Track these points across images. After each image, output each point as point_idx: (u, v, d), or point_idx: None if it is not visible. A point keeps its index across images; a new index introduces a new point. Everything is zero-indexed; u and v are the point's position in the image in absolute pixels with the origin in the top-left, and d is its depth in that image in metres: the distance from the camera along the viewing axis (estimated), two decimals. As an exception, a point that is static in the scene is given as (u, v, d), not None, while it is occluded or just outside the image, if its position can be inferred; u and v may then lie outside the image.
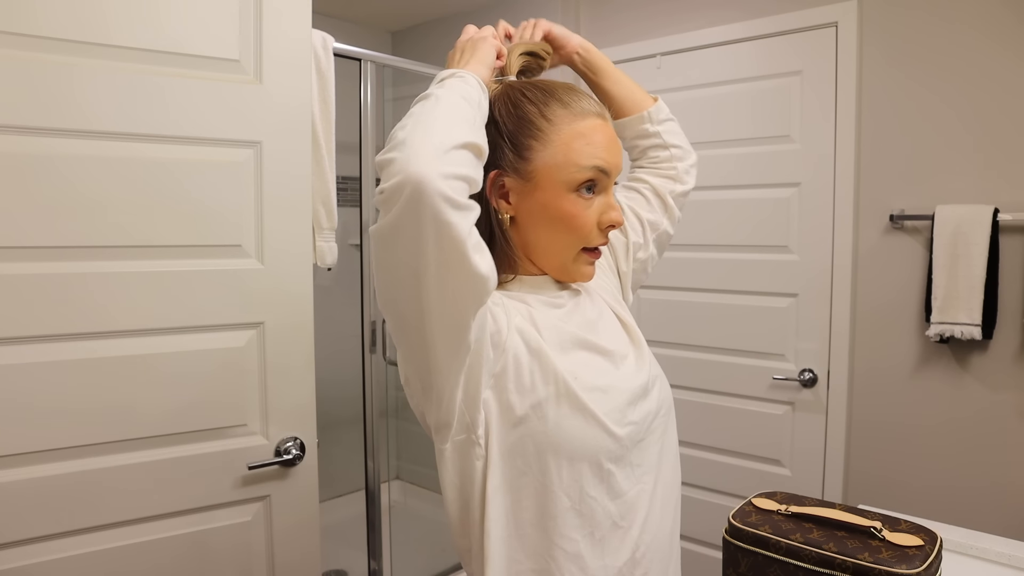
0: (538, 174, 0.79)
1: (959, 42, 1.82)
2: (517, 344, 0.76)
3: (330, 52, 1.66)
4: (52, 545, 1.18)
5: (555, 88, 0.82)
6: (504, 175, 0.80)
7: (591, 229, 0.81)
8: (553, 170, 0.78)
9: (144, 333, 1.24)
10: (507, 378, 0.75)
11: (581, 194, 0.79)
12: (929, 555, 0.84)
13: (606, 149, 0.80)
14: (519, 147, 0.79)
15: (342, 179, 1.80)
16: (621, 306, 0.94)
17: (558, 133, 0.78)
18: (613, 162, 0.80)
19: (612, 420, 0.76)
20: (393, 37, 3.22)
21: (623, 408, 0.78)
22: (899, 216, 1.92)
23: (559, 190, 0.78)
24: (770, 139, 2.14)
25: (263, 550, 1.39)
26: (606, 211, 0.81)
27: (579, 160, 0.78)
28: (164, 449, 1.27)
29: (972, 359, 1.84)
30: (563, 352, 0.78)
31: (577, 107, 0.80)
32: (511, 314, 0.77)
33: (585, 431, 0.75)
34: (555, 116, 0.79)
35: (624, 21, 2.47)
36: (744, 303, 2.23)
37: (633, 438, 0.79)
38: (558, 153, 0.78)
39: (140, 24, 1.20)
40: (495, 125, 0.81)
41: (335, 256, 1.65)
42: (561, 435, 0.74)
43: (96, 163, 1.18)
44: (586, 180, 0.78)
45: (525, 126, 0.79)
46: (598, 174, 0.79)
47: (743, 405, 2.24)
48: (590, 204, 0.80)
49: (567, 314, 0.83)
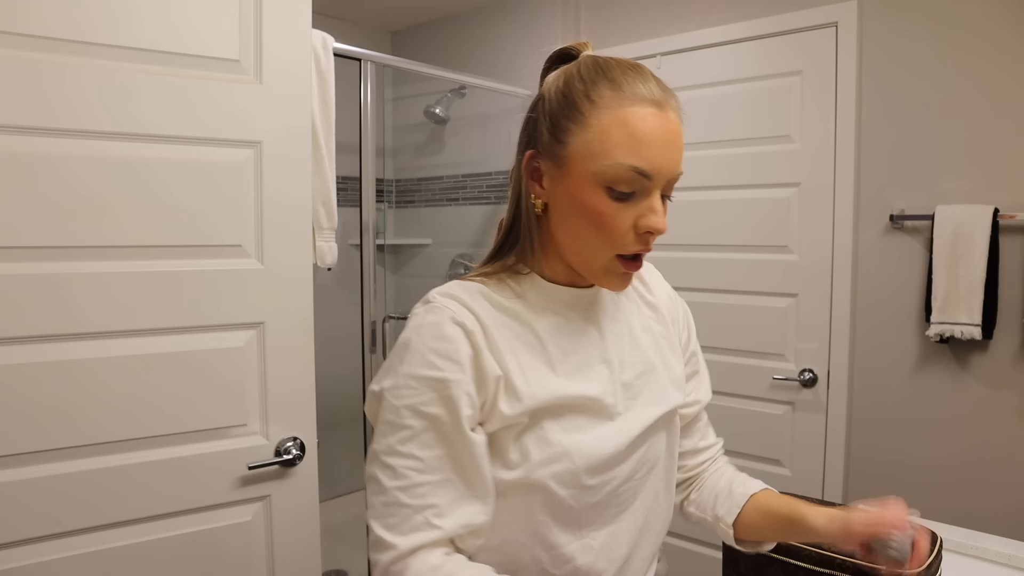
0: (571, 161, 0.70)
1: (959, 42, 1.82)
2: (494, 376, 0.72)
3: (330, 52, 1.66)
4: (52, 545, 1.18)
5: (613, 66, 0.71)
6: (539, 157, 0.74)
7: (624, 233, 0.70)
8: (586, 159, 0.69)
9: (144, 333, 1.24)
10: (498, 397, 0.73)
11: (613, 195, 0.69)
12: (929, 555, 0.84)
13: (654, 147, 0.68)
14: (557, 129, 0.71)
15: (342, 179, 1.80)
16: (661, 350, 0.85)
17: (598, 117, 0.68)
18: (661, 163, 0.68)
19: (558, 482, 0.72)
20: (393, 37, 3.22)
21: (576, 473, 0.73)
22: (899, 216, 1.92)
23: (589, 182, 0.69)
24: (770, 139, 2.14)
25: (263, 550, 1.39)
26: (645, 214, 0.70)
27: (615, 154, 0.67)
28: (164, 449, 1.27)
29: (972, 359, 1.84)
30: (543, 391, 0.73)
31: (629, 90, 0.68)
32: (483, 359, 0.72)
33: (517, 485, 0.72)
34: (600, 98, 0.69)
35: (624, 21, 2.47)
36: (744, 303, 2.23)
37: (580, 500, 0.74)
38: (594, 140, 0.68)
39: (140, 24, 1.20)
40: (542, 101, 0.74)
41: (335, 256, 1.65)
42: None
43: (96, 163, 1.18)
44: (618, 179, 0.68)
45: (567, 106, 0.71)
46: (635, 175, 0.68)
47: (743, 405, 2.24)
48: (624, 206, 0.70)
49: (568, 342, 0.77)
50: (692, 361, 0.92)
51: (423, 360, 0.70)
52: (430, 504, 0.69)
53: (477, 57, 2.83)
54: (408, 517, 0.69)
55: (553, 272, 0.78)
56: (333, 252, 1.65)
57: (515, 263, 0.79)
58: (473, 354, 0.71)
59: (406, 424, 0.70)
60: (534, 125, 0.75)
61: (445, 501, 0.69)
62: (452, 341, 0.70)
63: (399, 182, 3.21)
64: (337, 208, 1.67)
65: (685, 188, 2.33)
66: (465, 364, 0.70)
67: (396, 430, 0.70)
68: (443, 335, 0.71)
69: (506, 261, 0.79)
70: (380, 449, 0.71)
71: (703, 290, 2.30)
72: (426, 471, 0.69)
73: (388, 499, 0.70)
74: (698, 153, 2.29)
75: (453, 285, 0.77)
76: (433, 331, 0.71)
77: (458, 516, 0.70)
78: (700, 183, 2.29)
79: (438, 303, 0.73)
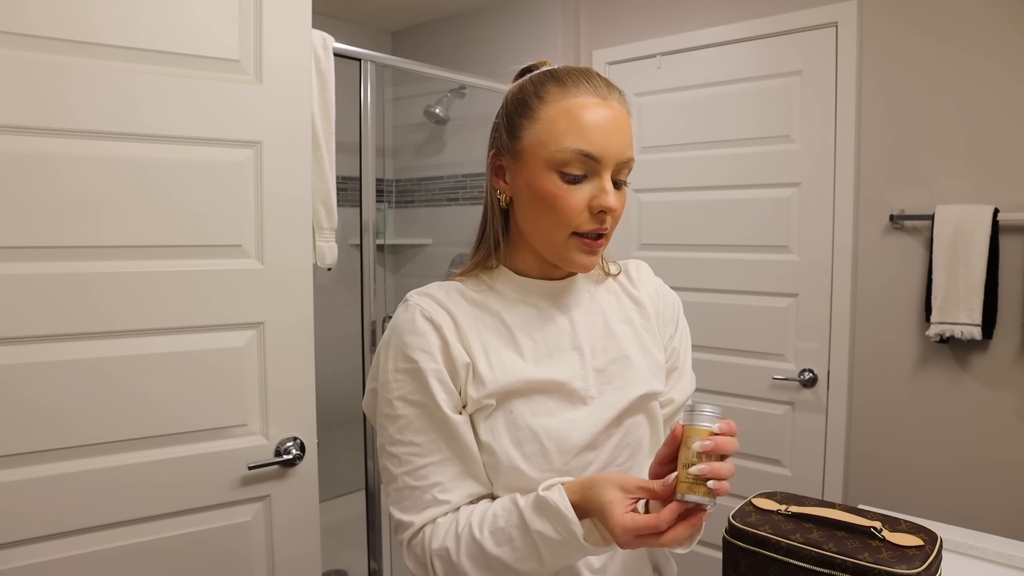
0: (525, 152, 0.78)
1: (959, 42, 1.82)
2: (463, 363, 0.78)
3: (330, 52, 1.66)
4: (52, 545, 1.18)
5: (561, 70, 0.80)
6: (500, 155, 0.82)
7: (579, 212, 0.76)
8: (537, 147, 0.76)
9: (144, 333, 1.24)
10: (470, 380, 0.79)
11: (565, 178, 0.75)
12: (929, 555, 0.84)
13: (598, 131, 0.74)
14: (512, 126, 0.80)
15: (342, 179, 1.80)
16: (642, 341, 0.88)
17: (546, 111, 0.76)
18: (605, 146, 0.74)
19: (530, 465, 0.77)
20: (393, 37, 3.22)
21: (548, 455, 0.77)
22: (899, 216, 1.92)
23: (541, 168, 0.76)
24: (770, 139, 2.14)
25: (263, 550, 1.39)
26: (597, 195, 0.76)
27: (561, 140, 0.74)
28: (164, 449, 1.27)
29: (972, 359, 1.84)
30: (514, 377, 0.79)
31: (573, 86, 0.77)
32: (452, 349, 0.78)
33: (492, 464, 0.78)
34: (547, 94, 0.77)
35: (624, 21, 2.47)
36: (744, 303, 2.23)
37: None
38: (542, 130, 0.76)
39: (140, 24, 1.20)
40: (502, 106, 0.83)
41: (335, 256, 1.65)
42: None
43: (96, 163, 1.18)
44: (567, 162, 0.74)
45: (520, 105, 0.79)
46: (581, 158, 0.74)
47: (743, 405, 2.24)
48: (577, 188, 0.76)
49: (537, 329, 0.82)
50: (673, 357, 0.92)
51: (401, 354, 0.78)
52: (434, 483, 0.76)
53: (477, 57, 2.83)
54: (418, 497, 0.77)
55: (525, 265, 0.85)
56: (333, 252, 1.65)
57: (487, 259, 0.86)
58: (442, 344, 0.78)
59: (399, 414, 0.78)
60: (496, 129, 0.84)
61: (447, 477, 0.77)
62: (423, 335, 0.78)
63: (399, 182, 3.21)
64: (337, 208, 1.67)
65: (686, 188, 2.34)
66: (436, 354, 0.78)
67: (393, 421, 0.78)
68: (415, 330, 0.78)
69: (479, 258, 0.86)
70: (384, 441, 0.80)
71: (703, 290, 2.30)
72: (425, 454, 0.77)
73: (399, 485, 0.78)
74: (698, 153, 2.29)
75: (431, 285, 0.84)
76: (407, 327, 0.79)
77: (462, 488, 0.77)
78: (700, 183, 2.29)
79: (412, 302, 0.81)
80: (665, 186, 2.38)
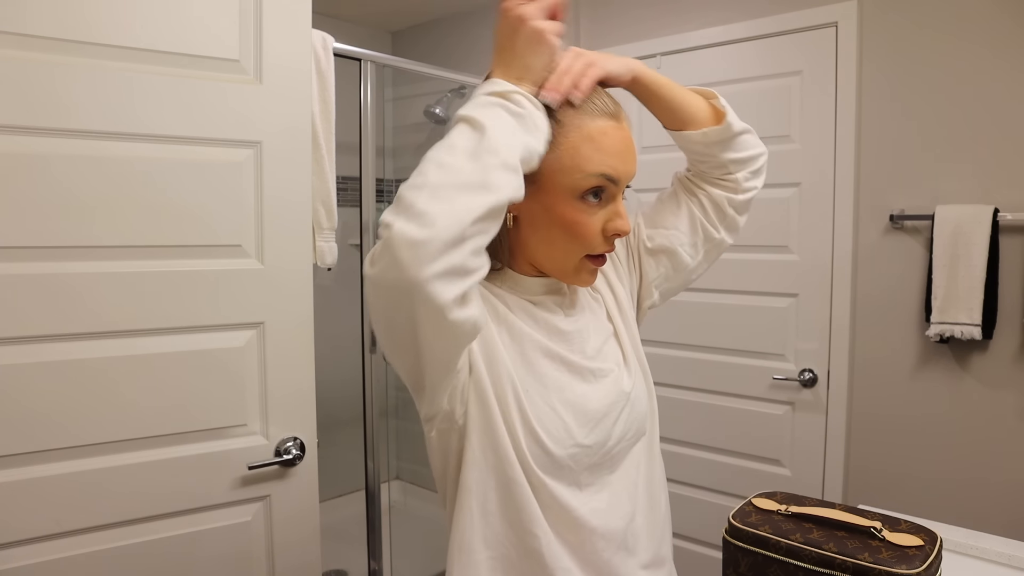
0: (543, 177, 0.76)
1: (959, 42, 1.82)
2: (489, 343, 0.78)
3: (330, 52, 1.66)
4: (52, 545, 1.18)
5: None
6: None
7: (595, 237, 0.78)
8: (558, 174, 0.75)
9: (144, 333, 1.24)
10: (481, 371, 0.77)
11: (586, 200, 0.76)
12: (929, 555, 0.84)
13: (617, 155, 0.76)
14: None
15: (342, 179, 1.80)
16: (624, 316, 0.91)
17: (566, 136, 0.75)
18: (623, 169, 0.77)
19: (554, 440, 0.76)
20: (393, 37, 3.22)
21: (572, 429, 0.78)
22: (899, 216, 1.92)
23: (564, 195, 0.76)
24: (770, 139, 2.14)
25: (263, 550, 1.39)
26: (612, 219, 0.78)
27: (586, 166, 0.75)
28: (164, 449, 1.27)
29: (972, 359, 1.84)
30: (524, 361, 0.78)
31: (588, 108, 0.76)
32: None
33: (520, 446, 0.76)
34: (565, 117, 0.75)
35: (624, 21, 2.47)
36: (744, 303, 2.23)
37: (579, 460, 0.78)
38: (564, 157, 0.75)
39: (140, 24, 1.20)
40: None
41: (335, 256, 1.65)
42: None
43: (96, 163, 1.18)
44: (592, 187, 0.75)
45: None
46: (605, 182, 0.76)
47: (743, 405, 2.24)
48: (595, 211, 0.77)
49: (544, 320, 0.82)
50: (643, 245, 0.95)
51: None
52: None
53: (477, 57, 2.83)
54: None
55: (522, 271, 0.85)
56: (333, 252, 1.65)
57: (491, 261, 0.84)
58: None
59: None
60: None
61: None
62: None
63: (399, 182, 3.20)
64: (337, 208, 1.67)
65: (685, 188, 2.33)
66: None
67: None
68: None
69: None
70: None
71: (703, 290, 2.30)
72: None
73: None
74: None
75: None
76: None
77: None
78: (700, 183, 2.29)
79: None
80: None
